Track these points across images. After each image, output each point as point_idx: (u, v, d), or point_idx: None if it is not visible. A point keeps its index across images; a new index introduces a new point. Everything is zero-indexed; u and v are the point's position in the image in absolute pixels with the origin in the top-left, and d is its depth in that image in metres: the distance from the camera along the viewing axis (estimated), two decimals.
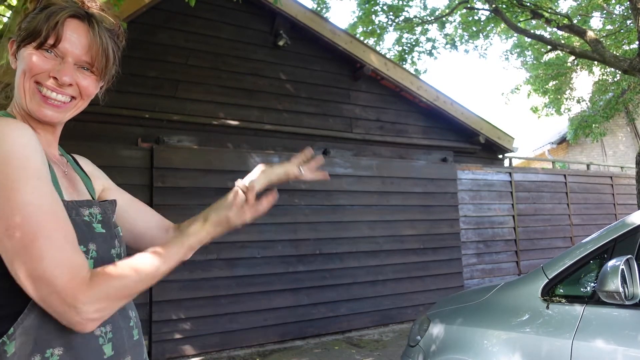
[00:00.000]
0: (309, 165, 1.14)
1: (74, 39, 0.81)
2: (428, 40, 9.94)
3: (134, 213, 1.10)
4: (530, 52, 11.70)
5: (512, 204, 6.80)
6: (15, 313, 0.70)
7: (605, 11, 9.68)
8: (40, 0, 0.83)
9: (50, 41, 0.80)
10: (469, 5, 8.31)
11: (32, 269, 0.67)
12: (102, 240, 0.83)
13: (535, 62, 11.86)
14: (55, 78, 0.80)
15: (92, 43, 0.83)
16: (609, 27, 10.05)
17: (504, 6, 6.96)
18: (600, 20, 10.65)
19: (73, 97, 0.84)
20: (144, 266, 0.76)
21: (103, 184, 1.06)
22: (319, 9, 9.78)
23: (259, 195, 0.94)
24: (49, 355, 0.71)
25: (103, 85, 0.93)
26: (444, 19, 9.46)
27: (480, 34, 9.62)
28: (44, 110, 0.81)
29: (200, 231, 0.86)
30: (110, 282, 0.72)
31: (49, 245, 0.68)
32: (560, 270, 1.95)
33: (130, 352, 0.84)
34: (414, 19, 9.38)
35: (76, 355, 0.74)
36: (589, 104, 12.24)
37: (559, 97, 12.46)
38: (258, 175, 1.06)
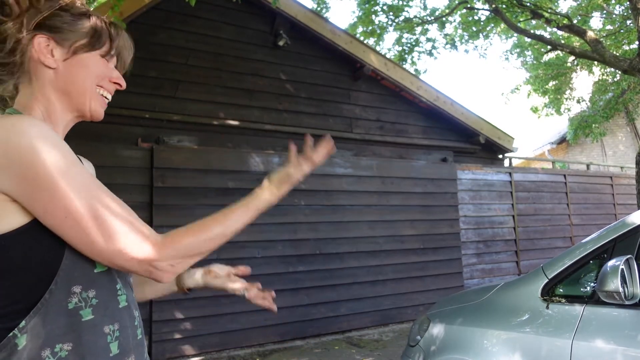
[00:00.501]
0: (255, 293, 1.25)
1: (126, 52, 0.98)
2: (428, 40, 9.94)
3: None
4: (530, 52, 11.70)
5: (512, 204, 6.80)
6: (27, 308, 0.72)
7: (605, 11, 9.68)
8: (97, 14, 0.91)
9: (113, 52, 0.93)
10: (469, 5, 8.31)
11: (103, 247, 0.73)
12: None
13: (535, 62, 11.86)
14: (116, 83, 0.93)
15: (132, 56, 1.01)
16: (609, 27, 10.06)
17: (504, 6, 6.96)
18: (600, 20, 10.65)
19: None
20: (216, 225, 0.83)
21: None
22: (319, 9, 9.78)
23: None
24: (58, 350, 0.72)
25: None
26: (444, 19, 9.46)
27: (480, 34, 9.62)
28: (100, 109, 0.92)
29: (264, 192, 0.94)
30: (184, 240, 0.79)
31: (112, 221, 0.74)
32: (560, 270, 1.95)
33: (134, 351, 0.85)
34: (414, 19, 9.38)
35: (84, 351, 0.75)
36: (588, 104, 12.24)
37: (558, 97, 12.46)
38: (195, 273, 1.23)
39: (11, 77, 0.84)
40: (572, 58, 10.71)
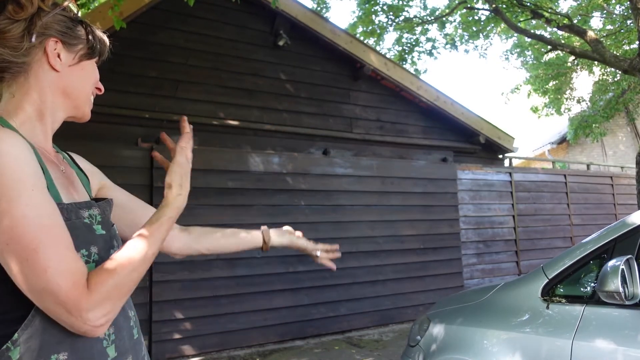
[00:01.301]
0: (326, 254, 1.38)
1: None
2: (428, 40, 9.93)
3: (136, 209, 1.16)
4: (530, 52, 11.69)
5: (512, 204, 6.80)
6: (19, 318, 0.70)
7: (605, 11, 9.68)
8: (87, 23, 0.92)
9: (100, 59, 0.96)
10: (469, 5, 8.31)
11: (35, 281, 0.67)
12: (102, 242, 0.84)
13: (535, 62, 11.85)
14: (97, 89, 0.96)
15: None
16: (609, 27, 10.05)
17: (504, 6, 6.96)
18: (601, 20, 10.65)
19: None
20: (134, 254, 0.76)
21: (100, 181, 1.07)
22: (319, 9, 9.78)
23: None
24: None
25: None
26: (444, 19, 9.46)
27: (480, 34, 9.61)
28: (90, 112, 0.96)
29: (168, 198, 0.88)
30: (107, 281, 0.71)
31: (50, 256, 0.68)
32: (560, 270, 1.95)
33: (131, 352, 0.85)
34: (414, 19, 9.38)
35: (81, 359, 0.74)
36: (589, 103, 12.24)
37: (559, 97, 12.46)
38: (283, 233, 1.34)
39: (12, 76, 0.83)
40: (572, 58, 10.70)
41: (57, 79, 0.85)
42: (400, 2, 8.94)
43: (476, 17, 8.83)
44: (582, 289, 1.88)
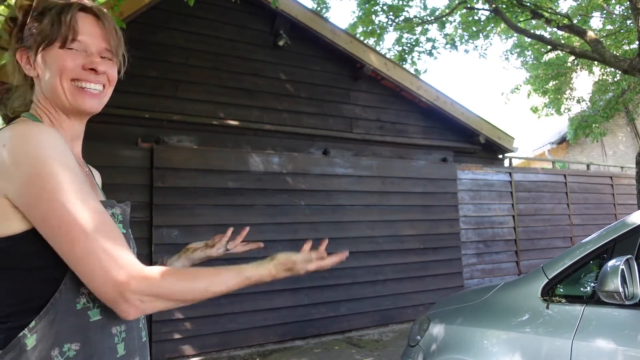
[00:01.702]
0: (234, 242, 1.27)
1: (90, 30, 0.86)
2: (428, 40, 9.93)
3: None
4: (530, 52, 11.69)
5: (512, 204, 6.80)
6: (37, 307, 0.73)
7: (605, 11, 9.68)
8: (31, 6, 0.85)
9: (71, 37, 0.83)
10: (469, 5, 8.31)
11: (86, 261, 0.72)
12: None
13: (535, 62, 11.85)
14: (91, 70, 0.85)
15: (104, 30, 0.87)
16: (609, 27, 10.05)
17: (504, 6, 6.96)
18: (600, 20, 10.65)
19: (103, 85, 0.89)
20: (198, 280, 0.80)
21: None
22: (319, 9, 9.78)
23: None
24: (67, 350, 0.74)
25: (120, 70, 0.96)
26: (444, 19, 9.46)
27: (480, 34, 9.61)
28: (87, 101, 0.86)
29: (262, 267, 0.89)
30: (161, 280, 0.76)
31: (101, 238, 0.73)
32: (560, 270, 1.95)
33: (138, 353, 0.86)
34: (414, 19, 9.38)
35: (92, 351, 0.76)
36: (589, 104, 12.23)
37: (559, 97, 12.46)
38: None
39: (30, 91, 0.89)
40: (572, 58, 10.70)
41: (39, 82, 0.87)
42: (400, 2, 8.94)
43: (476, 17, 8.83)
44: (582, 289, 1.88)
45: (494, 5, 6.72)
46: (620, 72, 8.25)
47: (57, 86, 0.83)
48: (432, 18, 9.42)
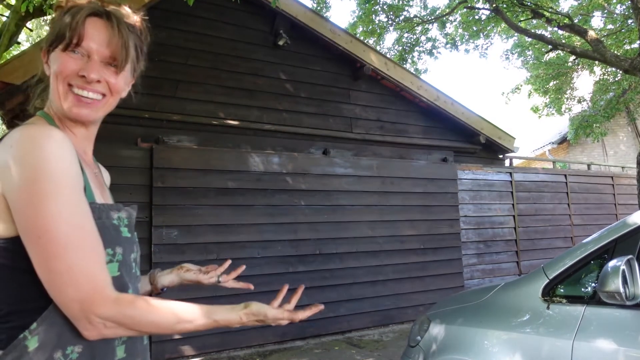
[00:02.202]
0: (229, 277, 1.25)
1: (95, 36, 0.83)
2: (428, 40, 9.93)
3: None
4: (530, 52, 11.69)
5: (513, 204, 6.79)
6: (39, 308, 0.73)
7: (606, 11, 9.67)
8: (63, 7, 0.86)
9: (74, 41, 0.81)
10: (469, 5, 8.30)
11: (59, 276, 0.70)
12: (127, 244, 0.87)
13: (535, 61, 11.85)
14: (83, 76, 0.82)
15: (112, 38, 0.84)
16: (609, 26, 10.04)
17: (504, 6, 6.95)
18: (601, 20, 10.64)
19: (103, 95, 0.86)
20: (166, 316, 0.77)
21: None
22: (319, 8, 9.77)
23: None
24: (70, 352, 0.74)
25: (133, 81, 0.96)
26: (444, 18, 9.45)
27: (481, 34, 9.61)
28: (78, 109, 0.83)
29: (233, 312, 0.83)
30: (129, 308, 0.73)
31: (78, 256, 0.72)
32: (561, 270, 1.95)
33: (139, 356, 0.87)
34: (414, 19, 9.38)
35: (94, 353, 0.76)
36: (589, 103, 12.23)
37: (559, 96, 12.45)
38: (171, 271, 1.18)
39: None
40: (573, 58, 10.69)
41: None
42: (401, 2, 8.94)
43: (476, 17, 8.83)
44: (582, 289, 1.87)
45: (494, 5, 6.71)
46: (621, 72, 8.24)
47: (54, 89, 0.83)
48: (433, 18, 9.41)
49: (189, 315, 0.79)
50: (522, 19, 7.57)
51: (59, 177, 0.72)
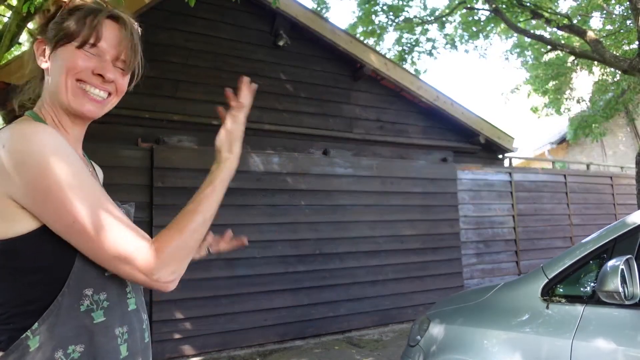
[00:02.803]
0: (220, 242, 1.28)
1: (109, 37, 0.87)
2: (428, 40, 9.93)
3: None
4: (530, 52, 11.69)
5: (512, 204, 6.80)
6: (40, 309, 0.73)
7: (605, 11, 9.68)
8: (65, 3, 0.87)
9: (92, 40, 0.84)
10: (468, 6, 8.31)
11: (106, 253, 0.74)
12: None
13: (535, 62, 11.85)
14: (100, 75, 0.85)
15: (125, 42, 0.89)
16: (608, 27, 10.05)
17: (504, 6, 6.96)
18: (600, 21, 10.65)
19: (109, 93, 0.89)
20: (193, 217, 0.83)
21: None
22: (319, 9, 9.78)
23: None
24: (71, 352, 0.74)
25: (132, 82, 0.98)
26: (444, 19, 9.46)
27: (480, 34, 9.62)
28: (86, 105, 0.86)
29: (220, 163, 0.94)
30: (172, 243, 0.79)
31: (117, 229, 0.76)
32: (560, 270, 1.95)
33: (141, 354, 0.87)
34: (414, 19, 9.38)
35: (96, 352, 0.76)
36: (588, 104, 12.23)
37: (558, 97, 12.45)
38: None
39: (40, 85, 0.90)
40: (572, 58, 10.70)
41: (47, 79, 0.87)
42: (400, 2, 8.94)
43: (476, 17, 8.83)
44: (582, 289, 1.88)
45: (494, 5, 6.72)
46: (620, 72, 8.25)
47: (61, 82, 0.83)
48: (432, 18, 9.42)
49: (205, 201, 0.86)
50: (521, 19, 7.58)
51: (63, 161, 0.74)
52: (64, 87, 0.83)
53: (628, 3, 5.56)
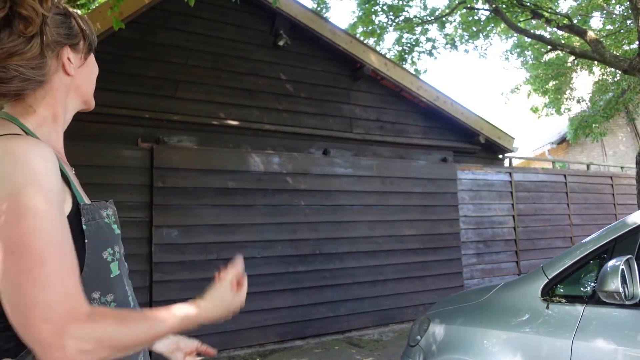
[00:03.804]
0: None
1: None
2: (428, 40, 9.93)
3: None
4: (530, 52, 11.69)
5: (512, 204, 6.80)
6: None
7: (605, 11, 9.68)
8: (67, 11, 0.86)
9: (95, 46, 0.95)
10: (468, 5, 8.31)
11: (31, 293, 0.64)
12: (119, 242, 0.87)
13: (535, 62, 11.85)
14: None
15: None
16: (609, 27, 10.05)
17: (504, 6, 6.96)
18: (601, 20, 10.65)
19: None
20: (145, 323, 0.72)
21: None
22: (319, 8, 9.78)
23: None
24: None
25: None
26: (444, 19, 9.46)
27: (480, 34, 9.62)
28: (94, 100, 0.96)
29: (196, 307, 0.84)
30: (108, 326, 0.67)
31: (55, 273, 0.66)
32: (560, 270, 1.95)
33: (142, 352, 0.89)
34: (414, 19, 9.39)
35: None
36: (589, 104, 12.23)
37: (559, 97, 12.46)
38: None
39: (32, 91, 0.80)
40: (572, 58, 10.70)
41: (69, 81, 0.86)
42: (400, 2, 8.94)
43: (476, 17, 8.83)
44: (582, 289, 1.88)
45: (494, 5, 6.72)
46: (620, 72, 8.24)
47: (93, 87, 0.93)
48: (432, 18, 9.42)
49: (160, 318, 0.75)
50: (521, 19, 7.58)
51: (41, 191, 0.68)
52: (90, 88, 0.93)
53: (628, 3, 5.55)
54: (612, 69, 9.95)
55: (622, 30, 9.13)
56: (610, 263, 1.64)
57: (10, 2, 0.72)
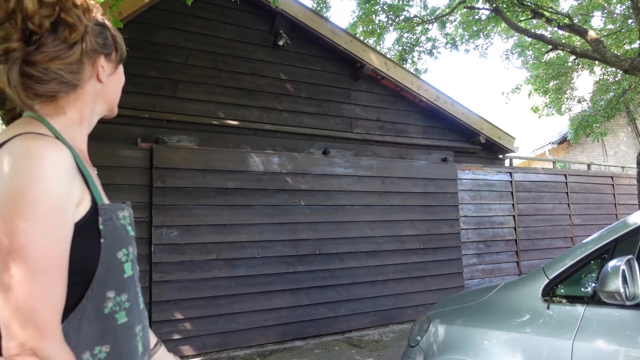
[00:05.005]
0: None
1: None
2: (428, 40, 9.93)
3: None
4: (530, 52, 11.69)
5: (513, 204, 6.79)
6: (66, 311, 0.72)
7: (606, 10, 9.67)
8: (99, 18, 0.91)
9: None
10: (469, 5, 8.30)
11: (15, 297, 0.65)
12: (134, 243, 0.89)
13: (535, 61, 11.85)
14: None
15: None
16: (610, 26, 10.04)
17: (504, 6, 6.95)
18: (601, 20, 10.64)
19: None
20: None
21: None
22: (319, 8, 9.77)
23: None
24: (98, 352, 0.75)
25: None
26: (444, 18, 9.46)
27: (481, 34, 9.61)
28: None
29: None
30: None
31: (42, 283, 0.67)
32: (561, 270, 1.95)
33: (147, 350, 0.91)
34: (414, 19, 9.38)
35: (121, 352, 0.79)
36: (589, 103, 12.23)
37: (559, 96, 12.45)
38: None
39: (65, 94, 0.82)
40: (573, 58, 10.69)
41: (100, 88, 0.90)
42: (401, 2, 8.94)
43: (476, 17, 8.83)
44: (582, 290, 1.87)
45: (494, 5, 6.71)
46: (621, 72, 8.23)
47: (120, 95, 0.98)
48: (433, 18, 9.41)
49: None
50: (522, 19, 7.57)
51: (46, 196, 0.68)
52: (117, 95, 0.97)
53: (629, 2, 5.54)
54: (613, 69, 9.94)
55: (623, 30, 9.12)
56: (611, 263, 1.64)
57: (59, 10, 0.76)
